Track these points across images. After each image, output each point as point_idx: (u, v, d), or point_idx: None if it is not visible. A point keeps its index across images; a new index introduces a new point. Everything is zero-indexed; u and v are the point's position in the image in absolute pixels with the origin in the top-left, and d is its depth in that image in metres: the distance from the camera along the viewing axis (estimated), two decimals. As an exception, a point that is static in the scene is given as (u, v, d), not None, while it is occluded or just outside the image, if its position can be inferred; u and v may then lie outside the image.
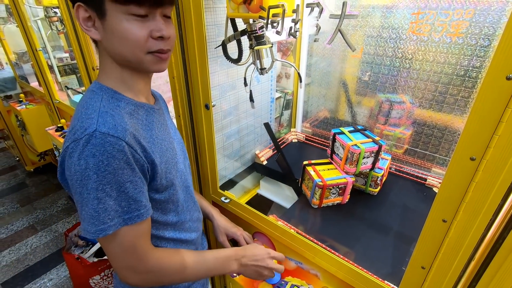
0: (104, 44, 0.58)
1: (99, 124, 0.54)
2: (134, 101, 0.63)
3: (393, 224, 0.98)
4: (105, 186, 0.54)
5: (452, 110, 1.06)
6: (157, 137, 0.66)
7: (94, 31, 0.57)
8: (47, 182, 2.96)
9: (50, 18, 1.87)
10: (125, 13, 0.53)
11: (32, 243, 2.22)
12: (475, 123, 0.46)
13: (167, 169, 0.66)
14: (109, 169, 0.54)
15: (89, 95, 0.60)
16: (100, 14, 0.54)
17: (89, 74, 1.55)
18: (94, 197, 0.54)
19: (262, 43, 0.77)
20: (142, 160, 0.59)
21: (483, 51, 0.93)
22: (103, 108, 0.57)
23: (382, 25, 1.09)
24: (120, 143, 0.54)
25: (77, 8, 0.54)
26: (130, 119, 0.60)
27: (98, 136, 0.53)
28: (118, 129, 0.55)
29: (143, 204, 0.61)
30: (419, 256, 0.63)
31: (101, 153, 0.53)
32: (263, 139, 1.42)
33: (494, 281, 0.53)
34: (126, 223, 0.58)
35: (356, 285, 0.80)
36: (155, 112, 0.68)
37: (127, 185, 0.57)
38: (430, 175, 1.16)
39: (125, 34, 0.55)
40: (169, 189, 0.68)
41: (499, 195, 0.48)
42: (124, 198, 0.57)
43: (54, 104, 2.18)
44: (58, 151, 1.95)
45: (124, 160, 0.55)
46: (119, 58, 0.59)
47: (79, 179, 0.54)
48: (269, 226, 0.96)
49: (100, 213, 0.55)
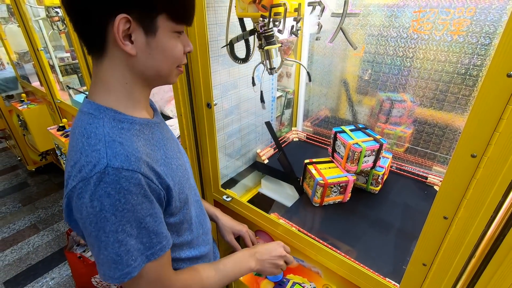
0: (138, 60, 0.53)
1: (109, 157, 0.49)
2: (137, 119, 0.57)
3: (394, 222, 0.98)
4: (125, 226, 0.50)
5: (453, 108, 1.06)
6: (167, 156, 0.61)
7: (131, 46, 0.51)
8: (49, 181, 2.97)
9: (52, 18, 1.88)
10: (171, 31, 0.53)
11: (34, 242, 2.23)
12: (476, 120, 0.47)
13: (180, 190, 0.62)
14: (127, 207, 0.49)
15: (86, 119, 0.53)
16: (150, 30, 0.51)
17: (91, 74, 1.55)
18: (114, 240, 0.50)
19: (271, 43, 0.77)
20: (158, 189, 0.55)
21: (484, 49, 0.93)
22: (109, 135, 0.51)
23: (383, 24, 1.09)
24: (135, 176, 0.50)
25: (120, 20, 0.48)
26: (138, 142, 0.55)
27: (111, 173, 0.48)
28: (131, 160, 0.50)
29: (164, 235, 0.57)
30: (420, 253, 0.63)
31: (116, 191, 0.48)
32: (264, 138, 1.42)
33: (495, 278, 0.53)
34: (149, 259, 0.55)
35: (358, 282, 0.81)
36: (158, 126, 0.63)
37: (147, 219, 0.53)
38: (431, 173, 1.17)
39: (171, 51, 0.55)
40: (183, 210, 0.65)
41: (499, 192, 0.49)
42: (145, 234, 0.53)
43: (55, 103, 2.19)
44: (59, 150, 1.95)
45: (142, 193, 0.51)
46: (151, 73, 0.56)
47: (94, 221, 0.49)
48: (271, 224, 0.97)
49: (122, 256, 0.51)
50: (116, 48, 0.52)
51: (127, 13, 0.48)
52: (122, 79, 0.55)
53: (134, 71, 0.55)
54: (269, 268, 0.79)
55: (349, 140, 1.03)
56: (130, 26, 0.49)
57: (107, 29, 0.50)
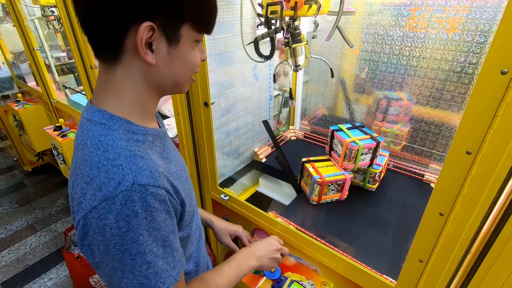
0: (157, 70, 0.50)
1: (134, 173, 0.45)
2: (150, 130, 0.54)
3: (391, 220, 0.99)
4: (152, 246, 0.47)
5: (449, 106, 1.07)
6: (177, 168, 0.58)
7: (152, 55, 0.48)
8: (46, 182, 2.96)
9: (47, 17, 1.87)
10: (193, 40, 0.51)
11: (31, 243, 2.22)
12: (471, 118, 0.47)
13: (189, 203, 0.60)
14: (153, 225, 0.47)
15: (100, 130, 0.49)
16: (173, 39, 0.48)
17: (87, 73, 1.55)
18: (142, 262, 0.46)
19: (298, 40, 0.77)
20: (176, 204, 0.53)
21: (479, 47, 0.94)
22: (128, 148, 0.47)
23: (379, 22, 1.10)
24: (160, 192, 0.47)
25: (145, 28, 0.44)
26: (154, 155, 0.52)
27: (139, 190, 0.44)
28: (155, 175, 0.47)
29: (181, 251, 0.55)
30: (417, 249, 0.64)
31: (144, 209, 0.45)
32: (262, 136, 1.43)
33: (490, 273, 0.54)
34: (176, 279, 0.51)
35: (355, 280, 0.81)
36: (165, 136, 0.61)
37: (170, 237, 0.50)
38: (428, 171, 1.17)
39: (192, 60, 0.53)
40: (190, 223, 0.63)
41: (494, 188, 0.49)
42: (169, 252, 0.51)
43: (52, 103, 2.18)
44: (56, 150, 1.94)
45: (166, 210, 0.49)
46: (168, 83, 0.53)
47: (119, 243, 0.45)
48: (269, 222, 0.97)
49: (151, 279, 0.48)
50: (134, 56, 0.48)
51: (152, 21, 0.44)
52: (136, 88, 0.51)
53: (150, 80, 0.52)
54: (268, 263, 0.80)
55: (346, 138, 1.03)
56: (153, 35, 0.46)
57: (126, 35, 0.46)
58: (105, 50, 0.49)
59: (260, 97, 1.31)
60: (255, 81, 1.25)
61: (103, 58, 0.50)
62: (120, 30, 0.46)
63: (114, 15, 0.44)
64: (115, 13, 0.44)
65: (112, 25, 0.45)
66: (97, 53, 0.50)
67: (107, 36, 0.47)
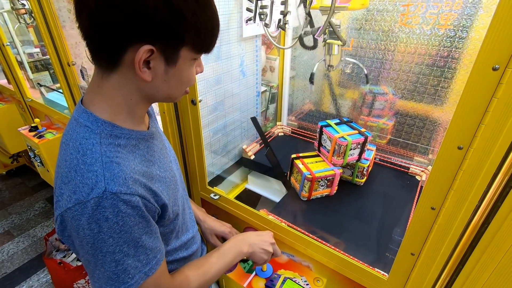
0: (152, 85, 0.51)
1: (107, 180, 0.47)
2: (134, 133, 0.55)
3: (380, 213, 1.01)
4: (122, 247, 0.50)
5: (433, 100, 1.10)
6: (161, 170, 0.60)
7: (148, 72, 0.49)
8: (22, 185, 2.81)
9: (18, 11, 1.75)
10: (191, 59, 0.52)
11: (8, 250, 2.11)
12: (463, 113, 0.48)
13: (173, 203, 0.62)
14: (124, 229, 0.49)
15: (82, 132, 0.50)
16: (171, 60, 0.49)
17: (64, 70, 1.47)
18: (111, 260, 0.50)
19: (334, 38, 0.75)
20: (154, 208, 0.55)
21: (462, 42, 0.96)
22: (106, 154, 0.49)
23: (365, 18, 1.10)
24: (133, 199, 0.49)
25: (144, 51, 0.45)
26: (134, 160, 0.53)
27: (110, 197, 0.47)
28: (129, 182, 0.49)
29: (158, 248, 0.57)
30: (409, 243, 0.65)
31: (115, 215, 0.47)
32: (250, 133, 1.41)
33: (479, 264, 0.56)
34: (147, 275, 0.54)
35: (348, 274, 0.82)
36: (153, 138, 0.61)
37: (143, 238, 0.53)
38: (413, 163, 1.20)
39: (188, 78, 0.54)
40: (174, 221, 0.65)
41: (484, 182, 0.50)
42: (142, 251, 0.53)
43: (26, 102, 2.06)
44: (33, 152, 1.85)
45: (139, 214, 0.51)
46: (161, 96, 0.54)
47: (91, 242, 0.48)
48: (260, 220, 0.96)
49: (119, 275, 0.51)
50: (130, 70, 0.48)
51: (152, 44, 0.45)
52: (128, 96, 0.52)
53: (143, 93, 0.53)
54: (259, 253, 0.80)
55: (335, 134, 1.04)
56: (152, 55, 0.47)
57: (126, 52, 0.46)
58: (102, 59, 0.50)
59: (247, 94, 1.30)
60: (242, 77, 1.22)
61: (99, 65, 0.51)
62: (120, 46, 0.46)
63: (116, 32, 0.45)
64: (117, 31, 0.45)
65: (113, 40, 0.46)
66: (94, 59, 0.51)
67: (107, 49, 0.47)
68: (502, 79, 0.43)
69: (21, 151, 2.59)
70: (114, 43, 0.46)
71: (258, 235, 0.83)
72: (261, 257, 0.80)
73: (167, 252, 0.68)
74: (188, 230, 0.76)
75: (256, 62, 1.28)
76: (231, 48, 1.10)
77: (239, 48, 1.14)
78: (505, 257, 0.52)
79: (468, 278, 0.58)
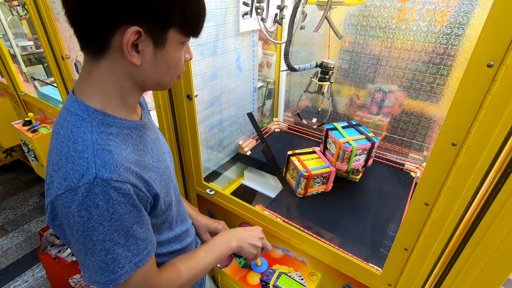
0: (141, 70, 0.51)
1: (98, 167, 0.47)
2: (126, 122, 0.55)
3: (375, 209, 1.01)
4: (112, 235, 0.50)
5: (428, 97, 1.10)
6: (154, 160, 0.60)
7: (137, 56, 0.49)
8: (16, 180, 2.79)
9: (10, 3, 1.72)
10: (179, 42, 0.52)
11: (2, 245, 2.09)
12: (457, 110, 0.48)
13: (166, 193, 0.62)
14: (115, 217, 0.49)
15: (74, 121, 0.50)
16: (159, 42, 0.49)
17: (58, 63, 1.45)
18: (101, 249, 0.50)
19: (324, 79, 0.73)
20: (146, 197, 0.54)
21: (458, 39, 0.97)
22: (97, 142, 0.49)
23: (362, 13, 1.10)
24: (125, 186, 0.49)
25: (131, 33, 0.45)
26: (127, 149, 0.53)
27: (100, 184, 0.46)
28: (121, 170, 0.49)
29: (149, 239, 0.57)
30: (402, 238, 0.65)
31: (105, 202, 0.47)
32: (246, 129, 1.41)
33: (471, 259, 0.57)
34: (138, 266, 0.54)
35: (342, 269, 0.83)
36: (146, 128, 0.61)
37: (134, 227, 0.52)
38: (408, 160, 1.21)
39: (176, 62, 0.53)
40: (166, 211, 0.65)
41: (477, 178, 0.51)
42: (132, 241, 0.53)
43: (19, 96, 2.03)
44: (26, 146, 1.83)
45: (130, 203, 0.50)
46: (151, 82, 0.54)
47: (81, 230, 0.48)
48: (256, 216, 0.97)
49: (109, 264, 0.51)
50: (119, 54, 0.48)
51: (139, 25, 0.45)
52: (118, 83, 0.52)
53: (133, 78, 0.52)
54: (248, 248, 0.80)
55: (340, 138, 1.01)
56: (140, 37, 0.47)
57: (113, 35, 0.46)
58: (90, 45, 0.49)
59: (244, 89, 1.29)
60: (238, 72, 1.22)
61: (88, 51, 0.50)
62: (107, 29, 0.46)
63: (102, 14, 0.44)
64: (103, 13, 0.44)
65: (100, 23, 0.45)
66: (82, 46, 0.50)
67: (94, 33, 0.47)
68: (497, 76, 0.43)
69: (14, 146, 2.56)
70: (101, 26, 0.46)
71: (247, 230, 0.83)
72: (250, 252, 0.81)
73: (160, 243, 0.68)
74: (183, 222, 0.76)
75: (252, 57, 1.28)
76: (228, 42, 1.09)
77: (235, 43, 1.14)
78: (496, 252, 0.53)
79: (460, 273, 0.59)
